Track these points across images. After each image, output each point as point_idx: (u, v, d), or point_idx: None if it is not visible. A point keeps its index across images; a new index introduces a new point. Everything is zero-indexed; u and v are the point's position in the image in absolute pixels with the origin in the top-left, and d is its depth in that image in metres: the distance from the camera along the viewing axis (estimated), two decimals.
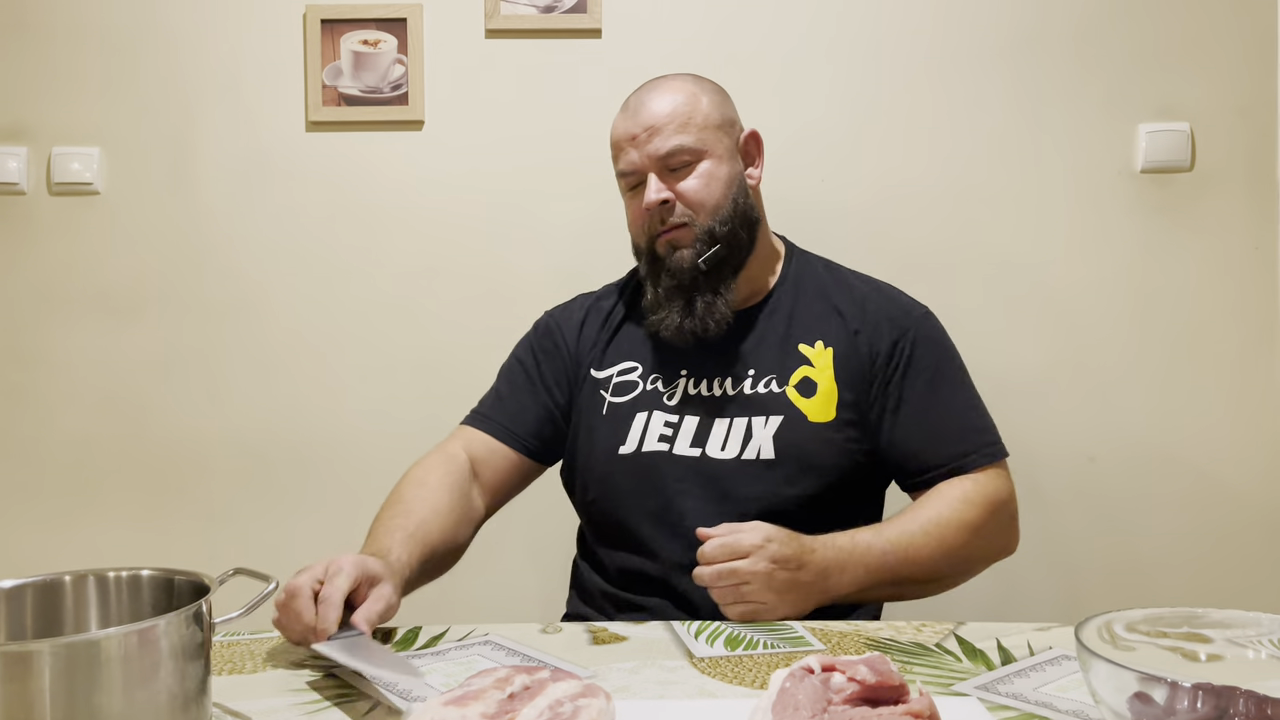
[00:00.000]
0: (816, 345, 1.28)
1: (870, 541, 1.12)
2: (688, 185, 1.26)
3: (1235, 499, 1.76)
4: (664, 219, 1.27)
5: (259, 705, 0.85)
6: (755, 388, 1.26)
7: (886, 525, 1.17)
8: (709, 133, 1.27)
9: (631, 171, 1.28)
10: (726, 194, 1.27)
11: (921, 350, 1.27)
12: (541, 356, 1.37)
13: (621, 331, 1.35)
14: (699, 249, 1.26)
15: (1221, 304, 1.75)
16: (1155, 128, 1.74)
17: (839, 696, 0.65)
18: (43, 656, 0.66)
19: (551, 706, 0.66)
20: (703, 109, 1.28)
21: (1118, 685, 0.66)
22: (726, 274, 1.28)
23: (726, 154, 1.29)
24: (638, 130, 1.27)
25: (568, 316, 1.40)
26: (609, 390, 1.31)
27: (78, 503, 1.79)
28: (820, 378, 1.26)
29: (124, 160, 1.79)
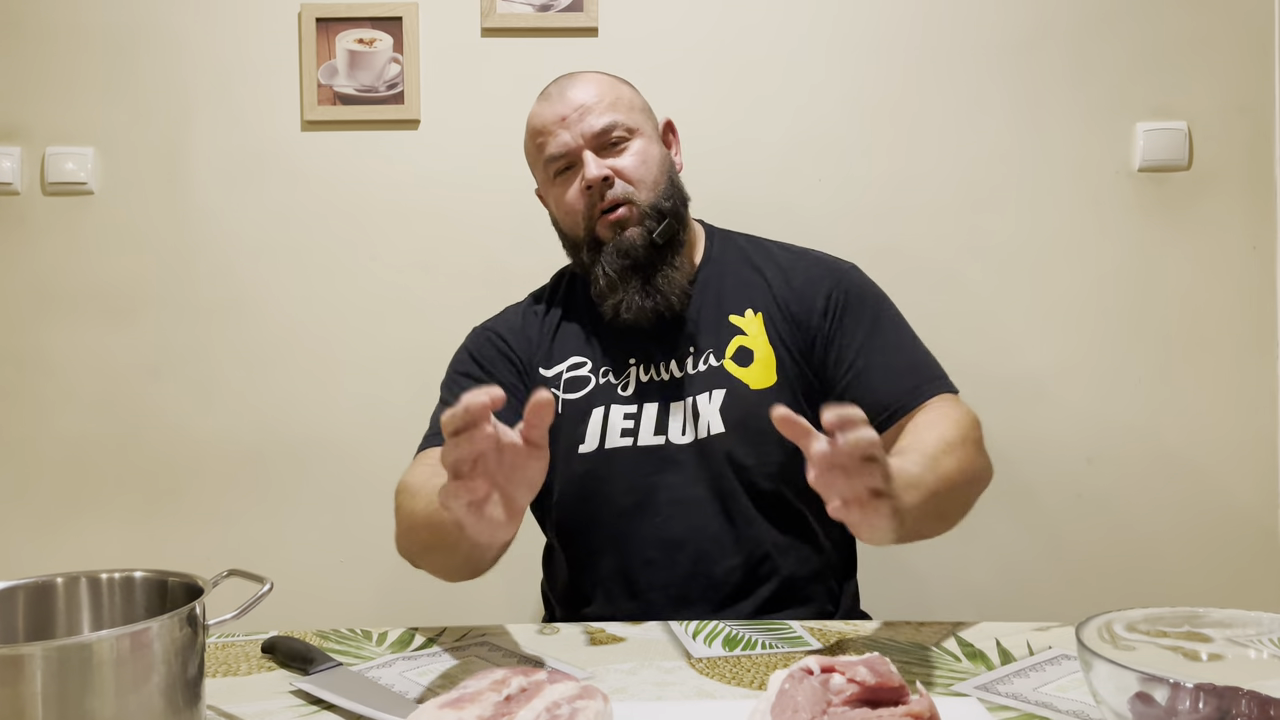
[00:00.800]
0: (747, 314, 1.26)
1: (908, 469, 0.95)
2: (625, 162, 1.23)
3: (1233, 499, 1.76)
4: (604, 195, 1.22)
5: (253, 708, 0.85)
6: (698, 365, 1.24)
7: (909, 450, 1.04)
8: (636, 113, 1.26)
9: (563, 154, 1.24)
10: (664, 170, 1.25)
11: (855, 300, 1.24)
12: (487, 364, 1.30)
13: (562, 328, 1.31)
14: (648, 225, 1.23)
15: (1219, 303, 1.75)
16: (1153, 126, 1.73)
17: (838, 698, 0.65)
18: (34, 659, 0.65)
19: (549, 709, 0.66)
20: (625, 93, 1.27)
21: (1119, 685, 0.65)
22: (676, 247, 1.25)
23: (655, 135, 1.28)
24: (567, 111, 1.23)
25: (502, 323, 1.34)
26: (560, 387, 1.27)
27: (71, 503, 1.78)
28: (755, 344, 1.24)
29: (118, 160, 1.78)
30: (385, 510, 1.76)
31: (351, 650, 0.99)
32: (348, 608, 1.72)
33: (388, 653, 0.99)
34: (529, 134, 1.29)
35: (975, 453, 1.11)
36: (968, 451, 1.09)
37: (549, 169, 1.26)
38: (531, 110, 1.28)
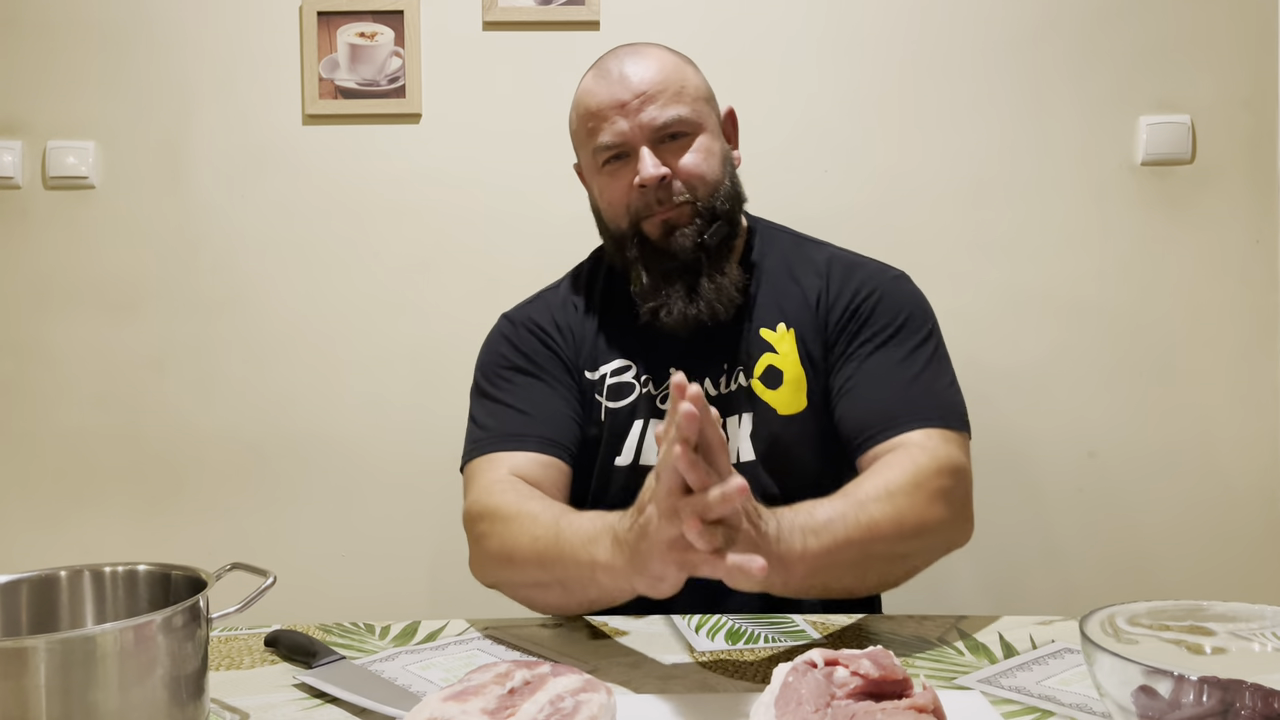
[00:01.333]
0: (779, 328, 1.17)
1: (814, 511, 0.92)
2: (687, 160, 1.13)
3: (1235, 492, 1.75)
4: (660, 198, 1.13)
5: (256, 701, 0.85)
6: (730, 384, 1.16)
7: (832, 496, 0.96)
8: (701, 104, 1.16)
9: (619, 144, 1.13)
10: (723, 170, 1.16)
11: (883, 310, 1.14)
12: (540, 360, 1.20)
13: (605, 326, 1.21)
14: (700, 226, 1.14)
15: (1221, 297, 1.75)
16: (1156, 120, 1.73)
17: (842, 691, 0.65)
18: (38, 652, 0.65)
19: (552, 701, 0.66)
20: (691, 80, 1.17)
21: (1123, 678, 0.65)
22: (726, 252, 1.17)
23: (718, 127, 1.19)
24: (626, 96, 1.12)
25: (541, 312, 1.24)
26: (604, 393, 1.19)
27: (72, 497, 1.78)
28: (785, 364, 1.15)
29: (119, 154, 1.77)
30: (387, 504, 1.78)
31: (354, 644, 0.99)
32: (350, 602, 1.72)
33: (391, 646, 0.99)
34: (579, 113, 1.18)
35: (925, 503, 0.98)
36: (914, 501, 0.97)
37: (598, 156, 1.16)
38: (584, 84, 1.18)
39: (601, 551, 0.91)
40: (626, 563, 0.87)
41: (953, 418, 1.08)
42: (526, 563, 1.00)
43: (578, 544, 0.94)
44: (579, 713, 0.64)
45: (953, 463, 1.03)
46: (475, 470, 1.14)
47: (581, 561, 0.93)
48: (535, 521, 1.00)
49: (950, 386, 1.13)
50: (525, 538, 1.00)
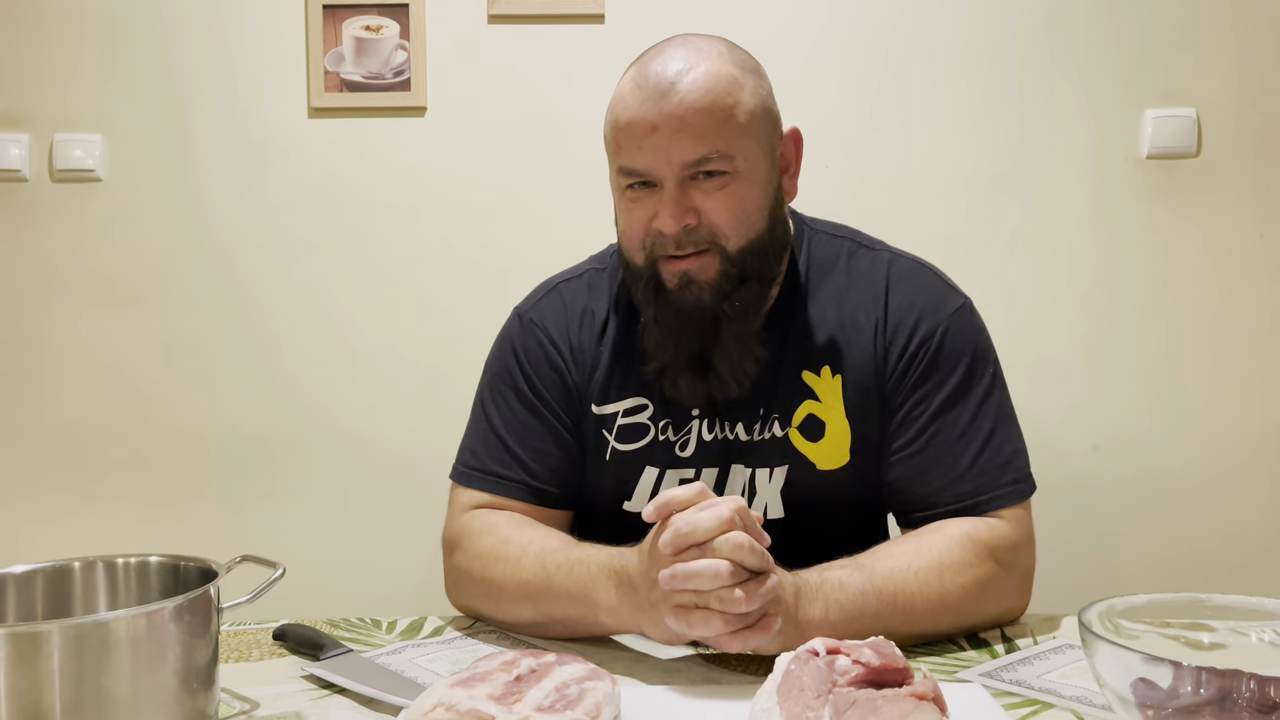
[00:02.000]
0: (823, 372, 1.05)
1: (844, 580, 0.90)
2: (718, 205, 0.98)
3: (1240, 485, 1.76)
4: (680, 244, 0.99)
5: (265, 691, 0.86)
6: (763, 432, 1.05)
7: (869, 563, 0.93)
8: (750, 136, 0.99)
9: (643, 173, 0.99)
10: (763, 216, 1.01)
11: (947, 356, 1.04)
12: (538, 379, 1.11)
13: (620, 354, 1.09)
14: (721, 287, 1.00)
15: (1226, 291, 1.75)
16: (1162, 113, 1.73)
17: (844, 679, 0.66)
18: (52, 637, 0.66)
19: (558, 689, 0.67)
20: (745, 100, 0.99)
21: (1122, 668, 0.66)
22: (753, 316, 1.02)
23: (766, 162, 1.02)
24: (660, 119, 0.96)
25: (553, 319, 1.13)
26: (613, 433, 1.08)
27: (78, 490, 1.79)
28: (829, 415, 1.04)
29: (126, 147, 1.78)
30: (392, 500, 1.79)
31: (361, 638, 1.00)
32: (356, 597, 1.73)
33: (398, 640, 1.00)
34: (610, 119, 1.02)
35: (974, 587, 0.94)
36: (962, 583, 0.93)
37: (621, 177, 1.02)
38: (621, 86, 1.02)
39: (603, 595, 0.92)
40: (635, 609, 0.89)
41: (1021, 488, 1.01)
42: (517, 604, 0.98)
43: (574, 589, 0.94)
44: (584, 700, 0.65)
45: (1015, 545, 0.99)
46: (457, 494, 1.11)
47: (580, 604, 0.93)
48: (519, 565, 0.98)
49: (1017, 443, 1.05)
50: (512, 582, 0.98)
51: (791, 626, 0.85)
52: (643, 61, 1.02)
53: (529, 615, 0.99)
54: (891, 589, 0.91)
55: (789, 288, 1.09)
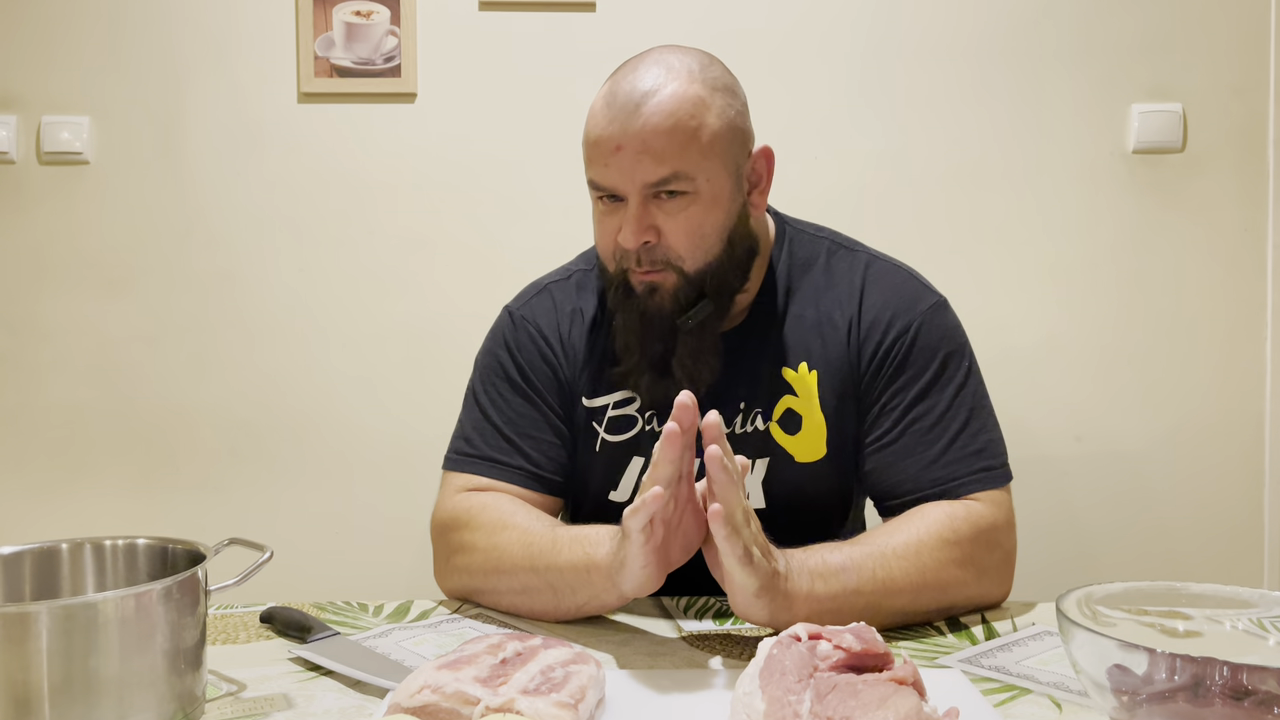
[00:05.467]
0: (800, 368, 1.09)
1: (826, 557, 0.92)
2: (676, 225, 1.02)
3: (1220, 477, 1.78)
4: (640, 260, 1.04)
5: (253, 673, 0.86)
6: (745, 426, 1.09)
7: (851, 542, 0.96)
8: (713, 156, 1.02)
9: (609, 189, 1.04)
10: (722, 236, 1.05)
11: (920, 352, 1.07)
12: (535, 376, 1.14)
13: (609, 348, 1.12)
14: (680, 300, 1.05)
15: (1210, 286, 1.77)
16: (1148, 108, 1.74)
17: (825, 663, 0.67)
18: (40, 618, 0.67)
19: (543, 671, 0.67)
20: (710, 122, 1.01)
21: (1098, 654, 0.67)
22: (712, 326, 1.07)
23: (729, 182, 1.05)
24: (626, 140, 1.00)
25: (544, 316, 1.17)
26: (603, 425, 1.12)
27: (66, 472, 1.79)
28: (805, 408, 1.08)
29: (114, 130, 1.77)
30: (381, 483, 1.79)
31: (348, 621, 1.01)
32: (343, 581, 1.74)
33: (384, 623, 1.01)
34: (586, 128, 1.06)
35: (953, 566, 0.97)
36: (940, 561, 0.96)
37: (591, 189, 1.07)
38: (595, 101, 1.05)
39: (601, 550, 0.93)
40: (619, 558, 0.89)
41: (997, 474, 1.04)
42: (517, 571, 0.99)
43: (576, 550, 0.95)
44: (569, 683, 0.66)
45: (994, 526, 1.01)
46: (452, 479, 1.12)
47: (578, 567, 0.94)
48: (526, 532, 1.00)
49: (992, 433, 1.07)
50: (517, 546, 1.00)
51: (781, 597, 0.87)
52: (616, 77, 1.05)
53: (524, 581, 0.99)
54: (872, 565, 0.93)
55: (768, 287, 1.13)
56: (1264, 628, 0.79)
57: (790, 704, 0.62)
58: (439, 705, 0.64)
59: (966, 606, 1.00)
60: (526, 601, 1.00)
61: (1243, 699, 0.63)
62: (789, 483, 1.09)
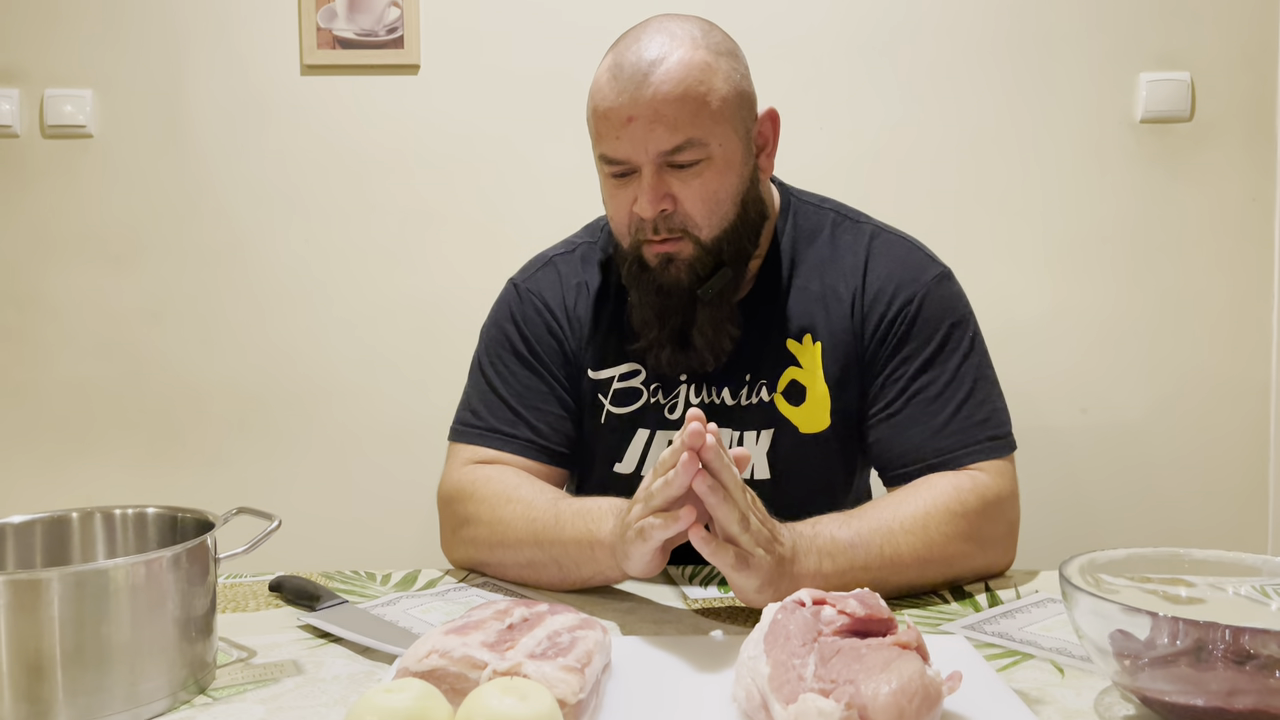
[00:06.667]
0: (804, 339, 1.09)
1: (835, 534, 0.92)
2: (692, 191, 1.02)
3: (1225, 446, 1.78)
4: (657, 228, 1.04)
5: (263, 640, 0.87)
6: (750, 397, 1.10)
7: (858, 516, 0.96)
8: (724, 121, 1.02)
9: (622, 161, 1.03)
10: (736, 200, 1.05)
11: (924, 324, 1.07)
12: (540, 347, 1.14)
13: (615, 323, 1.13)
14: (697, 271, 1.05)
15: (1217, 256, 1.76)
16: (1156, 77, 1.73)
17: (829, 628, 0.67)
18: (51, 585, 0.67)
19: (550, 637, 0.68)
20: (718, 87, 1.01)
21: (1101, 619, 0.67)
22: (729, 294, 1.07)
23: (740, 146, 1.05)
24: (636, 110, 1.00)
25: (549, 288, 1.17)
26: (609, 397, 1.13)
27: (75, 446, 1.80)
28: (809, 379, 1.09)
29: (117, 103, 1.77)
30: (387, 455, 1.80)
31: (356, 590, 1.02)
32: (350, 552, 1.75)
33: (392, 592, 1.01)
34: (590, 106, 1.05)
35: (958, 539, 0.97)
36: (946, 535, 0.96)
37: (603, 164, 1.06)
38: (599, 75, 1.04)
39: (604, 526, 0.93)
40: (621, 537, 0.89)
41: (1001, 444, 1.04)
42: (521, 545, 1.00)
43: (580, 525, 0.96)
44: (575, 648, 0.67)
45: (999, 497, 1.01)
46: (459, 450, 1.13)
47: (581, 542, 0.95)
48: (531, 506, 1.01)
49: (996, 403, 1.07)
50: (521, 521, 1.00)
51: (787, 579, 0.86)
52: (619, 48, 1.04)
53: (529, 555, 1.00)
54: (879, 541, 0.94)
55: (772, 258, 1.13)
56: (1267, 594, 0.79)
57: (795, 668, 0.63)
58: (447, 669, 0.65)
59: (971, 577, 1.01)
60: (533, 574, 1.01)
61: (1244, 663, 0.63)
62: (793, 453, 1.10)
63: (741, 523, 0.83)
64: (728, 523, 0.82)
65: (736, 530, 0.83)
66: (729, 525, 0.83)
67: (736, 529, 0.83)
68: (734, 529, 0.83)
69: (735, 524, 0.82)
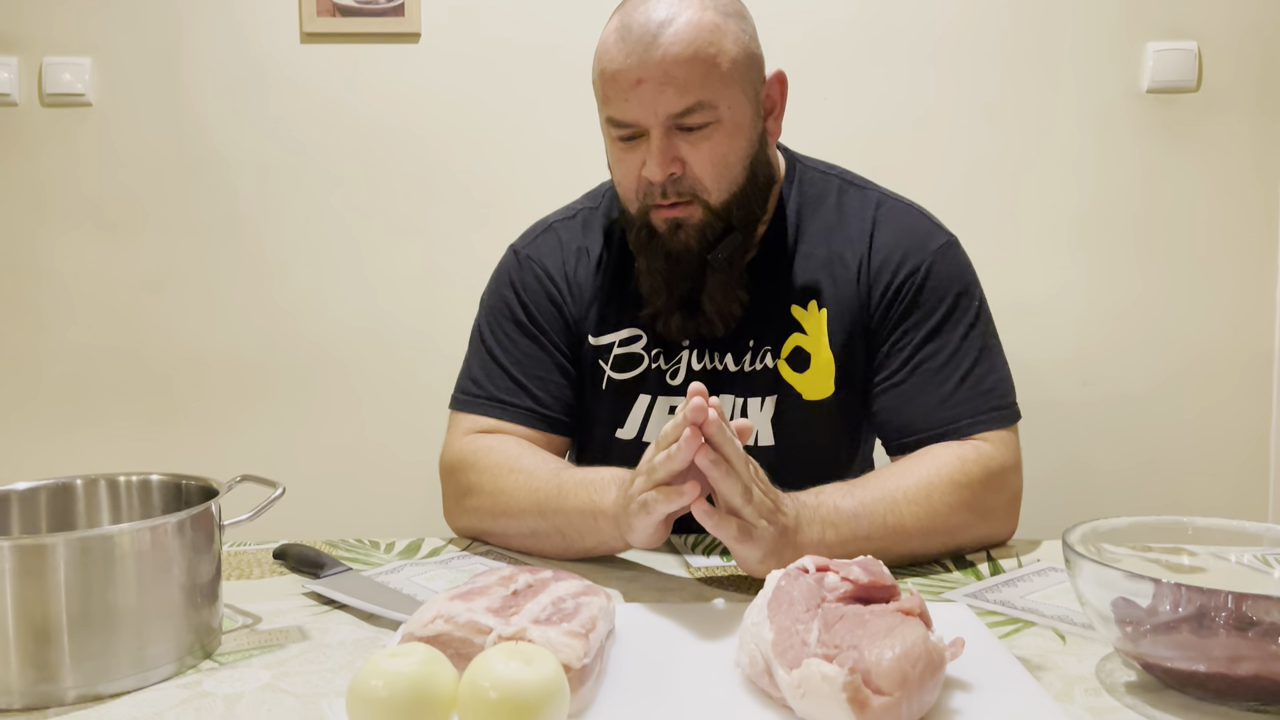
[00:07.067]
0: (810, 306, 1.09)
1: (838, 503, 0.92)
2: (701, 155, 1.01)
3: (1228, 417, 1.77)
4: (665, 192, 1.03)
5: (268, 607, 0.87)
6: (754, 363, 1.10)
7: (861, 485, 0.96)
8: (734, 83, 1.01)
9: (631, 124, 1.02)
10: (745, 164, 1.04)
11: (930, 292, 1.06)
12: (539, 314, 1.14)
13: (616, 288, 1.13)
14: (707, 235, 1.04)
15: (1222, 225, 1.75)
16: (1163, 46, 1.71)
17: (832, 594, 0.67)
18: (57, 550, 0.67)
19: (554, 602, 0.68)
20: (728, 49, 1.00)
21: (1104, 586, 0.68)
22: (738, 259, 1.07)
23: (749, 109, 1.04)
24: (646, 72, 0.98)
25: (550, 254, 1.16)
26: (609, 363, 1.12)
27: (76, 415, 1.80)
28: (814, 346, 1.09)
29: (116, 71, 1.76)
30: (390, 423, 1.80)
31: (360, 558, 1.02)
32: (354, 521, 1.76)
33: (396, 559, 1.02)
34: (597, 69, 1.04)
35: (962, 509, 0.97)
36: (950, 505, 0.96)
37: (610, 127, 1.05)
38: (606, 36, 1.03)
39: (607, 497, 0.93)
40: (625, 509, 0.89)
41: (1005, 414, 1.04)
42: (524, 514, 1.00)
43: (583, 495, 0.96)
44: (579, 614, 0.67)
45: (1003, 467, 1.01)
46: (460, 420, 1.13)
47: (585, 512, 0.95)
48: (533, 476, 1.01)
49: (1001, 373, 1.07)
50: (523, 491, 1.00)
51: (790, 549, 0.87)
52: (626, 9, 1.03)
53: (532, 525, 1.00)
54: (883, 510, 0.94)
55: (778, 223, 1.12)
56: (1269, 564, 0.80)
57: (798, 633, 0.63)
58: (452, 634, 0.65)
59: (974, 547, 1.01)
60: (536, 543, 1.02)
61: (1247, 629, 0.64)
62: (797, 420, 1.10)
63: (744, 495, 0.83)
64: (730, 495, 0.83)
65: (739, 503, 0.83)
66: (732, 498, 0.83)
67: (739, 501, 0.83)
68: (737, 501, 0.83)
69: (738, 497, 0.83)
